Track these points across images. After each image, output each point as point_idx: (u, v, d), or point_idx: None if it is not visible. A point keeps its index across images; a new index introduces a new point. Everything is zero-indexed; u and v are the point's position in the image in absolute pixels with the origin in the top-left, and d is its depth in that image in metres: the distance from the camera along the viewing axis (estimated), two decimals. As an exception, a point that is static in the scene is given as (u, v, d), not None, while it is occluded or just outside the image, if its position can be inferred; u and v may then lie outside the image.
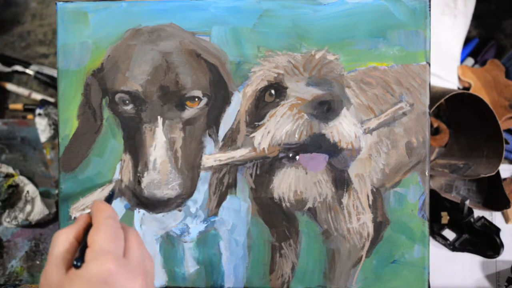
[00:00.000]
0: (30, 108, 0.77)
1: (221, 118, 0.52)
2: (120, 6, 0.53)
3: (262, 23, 0.52)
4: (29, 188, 0.68)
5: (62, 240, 0.36)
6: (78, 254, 0.34)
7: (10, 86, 0.79)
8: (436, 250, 0.65)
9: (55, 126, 0.73)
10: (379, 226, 0.52)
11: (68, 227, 0.38)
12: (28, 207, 0.67)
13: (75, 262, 0.33)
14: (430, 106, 0.51)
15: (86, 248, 0.35)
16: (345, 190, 0.52)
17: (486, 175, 0.61)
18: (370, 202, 0.52)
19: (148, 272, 0.37)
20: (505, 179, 0.68)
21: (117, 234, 0.36)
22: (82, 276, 0.33)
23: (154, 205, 0.53)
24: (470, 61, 0.77)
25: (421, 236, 0.52)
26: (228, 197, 0.53)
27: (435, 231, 0.66)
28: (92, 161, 0.53)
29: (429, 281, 0.52)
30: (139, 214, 0.54)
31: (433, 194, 0.62)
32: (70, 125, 0.54)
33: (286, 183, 0.52)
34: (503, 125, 0.69)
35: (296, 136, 0.50)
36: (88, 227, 0.39)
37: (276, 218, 0.53)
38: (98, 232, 0.36)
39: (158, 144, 0.52)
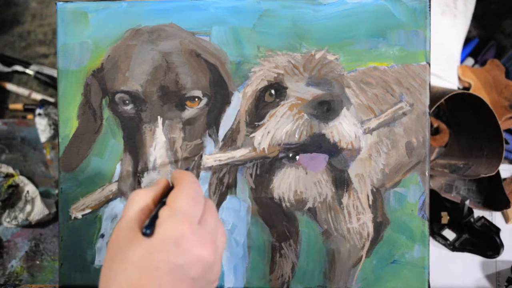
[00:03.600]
0: (30, 108, 0.77)
1: (221, 118, 0.52)
2: (120, 6, 0.53)
3: (262, 23, 0.52)
4: (29, 188, 0.68)
5: (139, 200, 0.36)
6: (147, 222, 0.32)
7: (10, 86, 0.79)
8: (436, 250, 0.65)
9: (55, 126, 0.73)
10: (379, 226, 0.52)
11: (147, 188, 0.37)
12: (28, 207, 0.67)
13: (144, 230, 0.32)
14: (430, 106, 0.51)
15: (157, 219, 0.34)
16: (345, 190, 0.52)
17: (486, 175, 0.61)
18: (370, 202, 0.52)
19: (218, 245, 0.36)
20: (505, 179, 0.68)
21: (198, 199, 0.35)
22: (155, 233, 0.32)
23: (154, 205, 0.53)
24: (470, 61, 0.77)
25: (421, 236, 0.52)
26: (228, 197, 0.53)
27: (435, 231, 0.66)
28: (92, 161, 0.53)
29: (429, 281, 0.52)
30: (139, 214, 0.53)
31: (433, 194, 0.62)
32: (70, 125, 0.54)
33: (286, 183, 0.52)
34: (503, 125, 0.69)
35: (296, 136, 0.50)
36: (166, 192, 0.38)
37: (276, 218, 0.53)
38: (180, 193, 0.35)
39: (158, 144, 0.52)
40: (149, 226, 0.32)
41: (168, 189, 0.38)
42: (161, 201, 0.36)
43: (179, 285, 0.32)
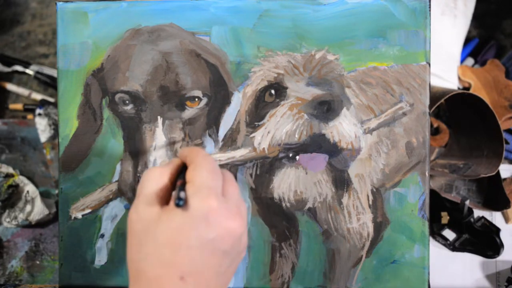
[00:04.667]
0: (30, 108, 0.77)
1: (221, 118, 0.52)
2: (120, 6, 0.53)
3: (262, 23, 0.52)
4: (29, 188, 0.68)
5: (155, 177, 0.35)
6: (177, 194, 0.32)
7: (10, 86, 0.79)
8: (436, 250, 0.65)
9: (55, 126, 0.73)
10: (379, 226, 0.52)
11: (160, 166, 0.36)
12: (28, 207, 0.67)
13: (177, 201, 0.31)
14: (430, 106, 0.51)
15: (184, 187, 0.33)
16: (345, 190, 0.52)
17: (486, 175, 0.61)
18: (370, 202, 0.52)
19: (243, 214, 0.35)
20: (505, 179, 0.68)
21: (216, 171, 0.35)
22: (183, 210, 0.32)
23: (154, 205, 0.53)
24: (470, 61, 0.77)
25: (421, 236, 0.52)
26: (228, 197, 0.53)
27: (435, 231, 0.66)
28: (92, 161, 0.53)
29: (429, 281, 0.52)
30: (139, 214, 0.53)
31: (433, 194, 0.62)
32: (70, 125, 0.54)
33: (286, 183, 0.52)
34: (503, 125, 0.69)
35: (296, 136, 0.50)
36: (179, 170, 0.37)
37: (276, 218, 0.53)
38: (199, 168, 0.34)
39: (158, 144, 0.52)
40: (181, 197, 0.31)
41: (181, 168, 0.38)
42: (178, 177, 0.36)
43: (211, 259, 0.32)
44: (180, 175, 0.36)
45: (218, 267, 0.33)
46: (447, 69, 0.73)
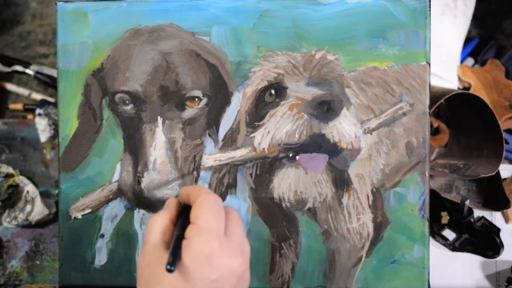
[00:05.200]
0: (30, 108, 0.77)
1: (221, 118, 0.52)
2: (120, 6, 0.53)
3: (262, 23, 0.52)
4: (29, 188, 0.68)
5: (158, 224, 0.37)
6: (170, 259, 0.33)
7: (10, 86, 0.79)
8: (436, 250, 0.65)
9: (55, 126, 0.73)
10: (379, 226, 0.52)
11: (160, 213, 0.38)
12: (28, 207, 0.67)
13: (168, 267, 0.32)
14: (430, 106, 0.51)
15: (182, 240, 0.35)
16: (345, 190, 0.52)
17: (486, 175, 0.61)
18: (370, 202, 0.52)
19: (246, 252, 0.37)
20: (505, 179, 0.68)
21: (219, 211, 0.36)
22: (187, 252, 0.33)
23: (154, 205, 0.53)
24: (470, 61, 0.77)
25: (421, 236, 0.52)
26: (228, 197, 0.53)
27: (435, 231, 0.66)
28: (92, 161, 0.53)
29: (429, 281, 0.52)
30: (139, 214, 0.54)
31: (433, 194, 0.62)
32: (70, 125, 0.54)
33: (286, 183, 0.52)
34: (503, 125, 0.69)
35: (296, 136, 0.50)
36: (180, 211, 0.39)
37: (276, 218, 0.53)
38: (202, 208, 0.36)
39: (158, 144, 0.52)
40: (172, 263, 0.32)
41: (181, 207, 0.39)
42: (178, 221, 0.37)
43: None
44: (181, 215, 0.38)
45: None
46: (447, 69, 0.73)
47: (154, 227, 0.37)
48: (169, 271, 0.32)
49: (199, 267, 0.33)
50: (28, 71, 0.79)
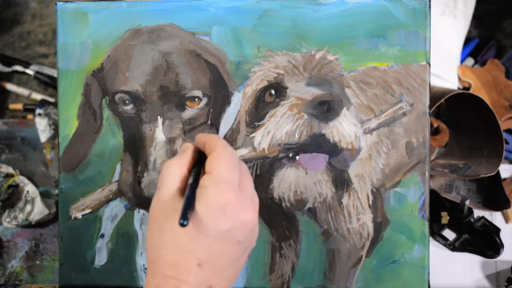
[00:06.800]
0: (30, 108, 0.77)
1: (221, 118, 0.52)
2: (120, 6, 0.53)
3: (262, 23, 0.52)
4: (29, 188, 0.68)
5: (174, 170, 0.37)
6: (184, 213, 0.32)
7: (10, 86, 0.79)
8: (436, 250, 0.65)
9: (55, 126, 0.73)
10: (379, 226, 0.52)
11: (177, 158, 0.38)
12: (28, 207, 0.67)
13: (181, 221, 0.32)
14: (430, 106, 0.51)
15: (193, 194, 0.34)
16: (345, 190, 0.52)
17: (486, 175, 0.61)
18: (370, 202, 0.52)
19: (256, 206, 0.37)
20: (505, 179, 0.68)
21: (236, 164, 0.36)
22: (202, 201, 0.33)
23: (154, 205, 0.53)
24: (470, 61, 0.77)
25: (421, 236, 0.52)
26: (228, 197, 0.53)
27: (435, 231, 0.66)
28: (92, 161, 0.53)
29: (429, 281, 0.52)
30: (139, 214, 0.54)
31: (433, 194, 0.62)
32: (70, 125, 0.54)
33: (286, 183, 0.52)
34: (503, 125, 0.69)
35: (296, 136, 0.50)
36: (196, 158, 0.38)
37: (276, 218, 0.53)
38: (219, 159, 0.36)
39: (158, 144, 0.52)
40: (186, 217, 0.32)
41: (197, 155, 0.39)
42: (193, 170, 0.37)
43: (226, 248, 0.34)
44: (197, 164, 0.38)
45: (232, 256, 0.35)
46: (447, 69, 0.73)
47: (171, 173, 0.37)
48: (182, 225, 0.32)
49: (213, 216, 0.33)
50: (28, 71, 0.79)
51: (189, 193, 0.34)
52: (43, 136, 0.73)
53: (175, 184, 0.36)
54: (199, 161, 0.38)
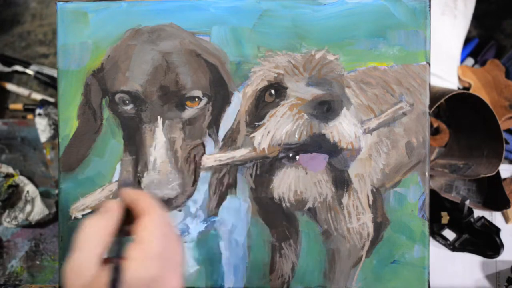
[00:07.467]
0: (30, 108, 0.77)
1: (221, 118, 0.52)
2: (120, 6, 0.53)
3: (262, 23, 0.52)
4: (29, 188, 0.68)
5: (96, 233, 0.34)
6: (112, 276, 0.31)
7: (10, 86, 0.79)
8: (436, 250, 0.65)
9: (55, 126, 0.73)
10: (379, 226, 0.52)
11: (99, 218, 0.35)
12: (28, 207, 0.67)
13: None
14: (430, 106, 0.51)
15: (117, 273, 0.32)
16: (345, 190, 0.52)
17: (486, 175, 0.61)
18: (370, 202, 0.52)
19: (182, 271, 0.36)
20: (505, 179, 0.68)
21: (168, 234, 0.35)
22: (128, 276, 0.32)
23: (154, 205, 0.53)
24: (470, 61, 0.77)
25: (421, 236, 0.52)
26: (228, 197, 0.53)
27: (435, 231, 0.66)
28: (92, 161, 0.53)
29: (429, 281, 0.52)
30: (139, 214, 0.53)
31: (433, 194, 0.62)
32: (70, 125, 0.54)
33: (286, 183, 0.52)
34: (503, 125, 0.69)
35: (296, 136, 0.50)
36: (119, 220, 0.36)
37: (276, 218, 0.53)
38: (151, 231, 0.34)
39: (158, 144, 0.52)
40: (115, 281, 0.31)
41: (122, 214, 0.36)
42: (118, 243, 0.35)
43: None
44: (121, 230, 0.35)
45: None
46: (447, 69, 0.73)
47: (91, 236, 0.34)
48: None
49: None
50: (28, 71, 0.79)
51: (113, 273, 0.32)
52: (43, 136, 0.73)
53: (94, 248, 0.33)
54: (124, 222, 0.35)
